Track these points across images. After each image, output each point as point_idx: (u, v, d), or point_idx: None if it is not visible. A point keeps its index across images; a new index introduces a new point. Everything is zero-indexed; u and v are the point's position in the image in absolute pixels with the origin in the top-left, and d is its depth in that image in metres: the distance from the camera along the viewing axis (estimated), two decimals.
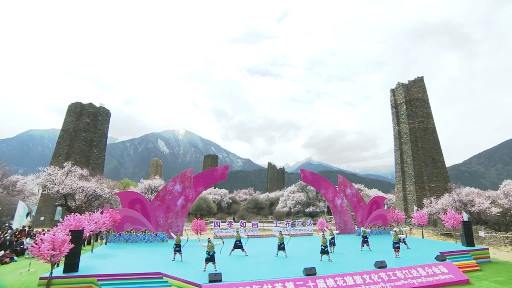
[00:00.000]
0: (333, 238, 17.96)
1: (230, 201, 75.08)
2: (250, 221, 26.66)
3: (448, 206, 29.50)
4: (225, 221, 27.10)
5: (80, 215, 16.45)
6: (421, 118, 40.11)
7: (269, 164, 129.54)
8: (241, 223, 25.42)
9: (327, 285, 11.86)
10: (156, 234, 22.73)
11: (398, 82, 43.73)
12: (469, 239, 20.32)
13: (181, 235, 25.24)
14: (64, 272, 11.67)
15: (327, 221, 32.73)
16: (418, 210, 27.33)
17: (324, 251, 15.26)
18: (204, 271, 12.76)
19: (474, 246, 20.35)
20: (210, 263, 13.03)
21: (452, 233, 26.10)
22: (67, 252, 11.41)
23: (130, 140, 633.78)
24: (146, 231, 22.57)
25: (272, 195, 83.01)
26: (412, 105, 41.10)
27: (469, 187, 33.02)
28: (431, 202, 31.85)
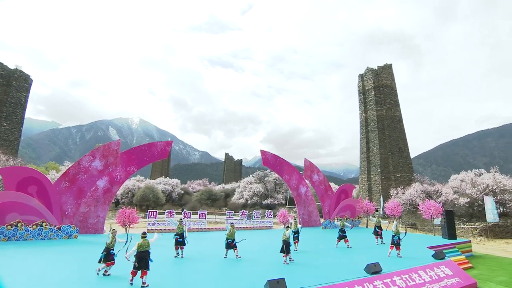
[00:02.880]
0: (297, 233, 13.66)
1: (182, 192, 68.46)
2: (196, 212, 21.38)
3: (416, 197, 27.57)
4: (163, 213, 21.30)
5: None
6: (389, 106, 38.44)
7: (226, 155, 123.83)
8: (184, 213, 19.95)
9: None
10: (59, 228, 16.11)
11: (367, 67, 41.67)
12: (451, 231, 17.80)
13: (103, 230, 18.97)
14: None
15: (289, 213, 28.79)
16: (391, 200, 24.54)
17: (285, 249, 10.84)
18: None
19: (456, 239, 17.96)
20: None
21: (428, 226, 24.01)
22: None
23: (77, 127, 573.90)
24: (44, 224, 15.81)
25: (228, 186, 78.57)
26: (380, 92, 39.25)
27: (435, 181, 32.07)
28: (397, 193, 29.96)
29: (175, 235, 11.75)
